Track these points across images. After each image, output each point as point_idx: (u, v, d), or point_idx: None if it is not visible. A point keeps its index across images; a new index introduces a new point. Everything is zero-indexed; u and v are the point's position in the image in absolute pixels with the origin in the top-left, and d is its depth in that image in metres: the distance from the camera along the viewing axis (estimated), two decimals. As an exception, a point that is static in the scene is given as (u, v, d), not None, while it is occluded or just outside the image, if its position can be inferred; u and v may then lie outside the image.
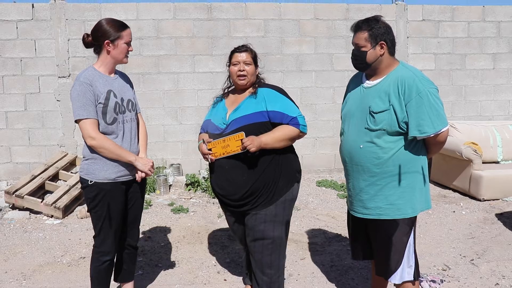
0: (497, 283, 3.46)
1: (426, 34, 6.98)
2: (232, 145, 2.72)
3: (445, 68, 7.09)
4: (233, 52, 2.92)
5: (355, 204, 2.73)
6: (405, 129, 2.51)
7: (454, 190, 5.97)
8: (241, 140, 2.68)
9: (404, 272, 2.67)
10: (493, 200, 5.53)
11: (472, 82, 7.20)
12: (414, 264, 2.71)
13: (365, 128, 2.57)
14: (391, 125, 2.50)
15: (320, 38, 6.77)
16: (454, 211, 5.20)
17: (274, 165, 2.82)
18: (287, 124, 2.79)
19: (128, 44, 2.78)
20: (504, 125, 6.33)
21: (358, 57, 2.58)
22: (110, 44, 2.73)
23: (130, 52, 2.82)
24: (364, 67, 2.61)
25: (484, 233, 4.52)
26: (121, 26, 2.76)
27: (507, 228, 4.64)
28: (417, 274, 2.73)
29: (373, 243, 2.76)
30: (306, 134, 2.91)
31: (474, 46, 7.13)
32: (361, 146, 2.59)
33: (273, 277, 2.90)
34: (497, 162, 6.06)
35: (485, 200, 5.51)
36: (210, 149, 2.81)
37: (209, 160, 2.81)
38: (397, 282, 2.69)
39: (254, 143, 2.67)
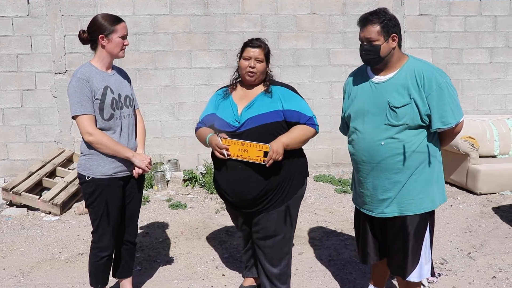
0: (494, 276, 3.48)
1: (423, 28, 6.97)
2: (252, 153, 2.63)
3: (442, 63, 7.08)
4: (246, 45, 2.84)
5: (375, 205, 2.62)
6: (427, 122, 2.48)
7: (451, 184, 5.99)
8: (264, 151, 2.60)
9: (422, 270, 2.62)
10: (490, 194, 5.55)
11: (469, 77, 7.21)
12: (431, 260, 2.67)
13: (386, 124, 2.49)
14: (414, 119, 2.45)
15: (317, 33, 6.76)
16: (451, 205, 5.22)
17: (288, 164, 2.77)
18: (304, 124, 2.75)
19: (123, 38, 2.75)
20: (501, 119, 6.35)
21: (371, 52, 2.48)
22: (105, 39, 2.72)
23: (126, 46, 2.79)
24: (377, 61, 2.51)
25: (481, 227, 4.54)
26: (115, 20, 2.74)
27: (504, 221, 4.66)
28: (433, 270, 2.69)
29: (390, 241, 2.67)
30: (318, 133, 2.88)
31: (470, 41, 7.13)
32: (382, 143, 2.50)
33: (283, 269, 2.93)
34: (494, 156, 6.07)
35: (482, 194, 5.53)
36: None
37: (225, 156, 2.69)
38: (416, 280, 2.63)
39: (280, 152, 2.61)
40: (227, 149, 2.68)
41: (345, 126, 2.86)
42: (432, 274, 2.70)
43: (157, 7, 6.41)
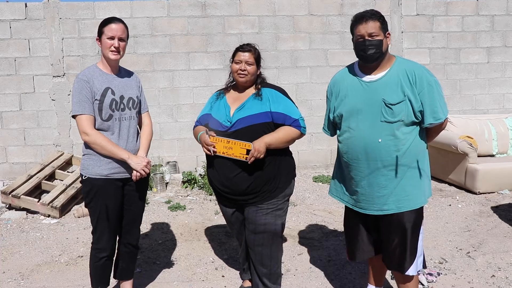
0: (493, 275, 3.49)
1: (420, 28, 6.99)
2: (236, 150, 2.77)
3: (440, 63, 7.10)
4: (237, 50, 2.98)
5: (371, 202, 2.65)
6: (419, 118, 2.56)
7: (450, 184, 6.00)
8: (247, 149, 2.73)
9: (417, 262, 2.70)
10: (488, 193, 5.56)
11: (467, 76, 7.23)
12: (423, 252, 2.75)
13: (382, 121, 2.55)
14: (408, 115, 2.53)
15: (315, 34, 6.77)
16: (450, 205, 5.22)
17: (274, 163, 2.90)
18: (289, 125, 2.88)
19: (110, 39, 2.75)
20: (499, 118, 6.36)
21: (375, 47, 2.52)
22: (99, 41, 2.81)
23: (115, 48, 2.75)
24: (379, 56, 2.55)
25: (480, 226, 4.55)
26: (104, 22, 2.80)
27: (502, 220, 4.67)
28: (424, 263, 2.78)
29: (386, 238, 2.70)
30: (304, 135, 3.01)
31: (468, 40, 7.15)
32: (380, 140, 2.55)
33: (273, 268, 3.01)
34: (493, 156, 6.09)
35: (480, 193, 5.54)
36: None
37: (211, 152, 2.83)
38: (413, 274, 2.69)
39: (261, 151, 2.75)
40: (213, 146, 2.83)
41: (330, 126, 2.92)
42: (424, 266, 2.76)
43: (155, 10, 6.42)
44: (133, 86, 2.94)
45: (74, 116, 2.75)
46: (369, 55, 2.55)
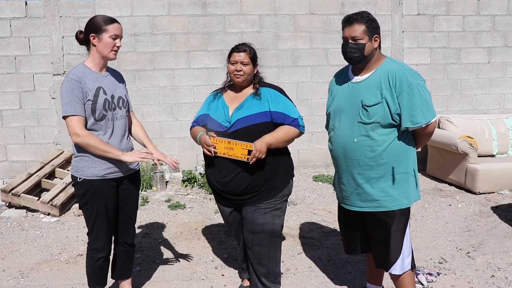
0: (493, 275, 3.49)
1: (421, 28, 6.98)
2: (237, 151, 2.77)
3: (440, 62, 7.09)
4: (232, 51, 2.97)
5: (351, 199, 2.74)
6: (398, 121, 2.57)
7: (450, 184, 6.00)
8: (248, 150, 2.73)
9: (404, 262, 2.72)
10: (488, 193, 5.55)
11: (468, 76, 7.22)
12: (411, 253, 2.77)
13: (358, 122, 2.60)
14: (384, 117, 2.55)
15: (315, 33, 6.76)
16: (450, 205, 5.22)
17: (273, 162, 2.91)
18: (289, 125, 2.89)
19: (114, 38, 2.73)
20: (499, 118, 6.36)
21: (356, 50, 2.58)
22: (96, 38, 2.72)
23: (117, 48, 2.75)
24: (361, 59, 2.60)
25: (480, 226, 4.55)
26: (108, 20, 2.73)
27: (502, 221, 4.67)
28: (413, 263, 2.79)
29: (371, 236, 2.79)
30: (303, 133, 3.01)
31: (469, 40, 7.14)
32: (355, 140, 2.61)
33: (271, 268, 3.01)
34: (493, 156, 6.09)
35: (480, 194, 5.54)
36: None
37: (212, 153, 2.82)
38: (398, 273, 2.73)
39: (262, 151, 2.75)
40: (214, 147, 2.82)
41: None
42: (413, 267, 2.78)
43: (155, 8, 6.41)
44: (121, 86, 2.92)
45: (64, 117, 2.68)
46: (350, 58, 2.63)
